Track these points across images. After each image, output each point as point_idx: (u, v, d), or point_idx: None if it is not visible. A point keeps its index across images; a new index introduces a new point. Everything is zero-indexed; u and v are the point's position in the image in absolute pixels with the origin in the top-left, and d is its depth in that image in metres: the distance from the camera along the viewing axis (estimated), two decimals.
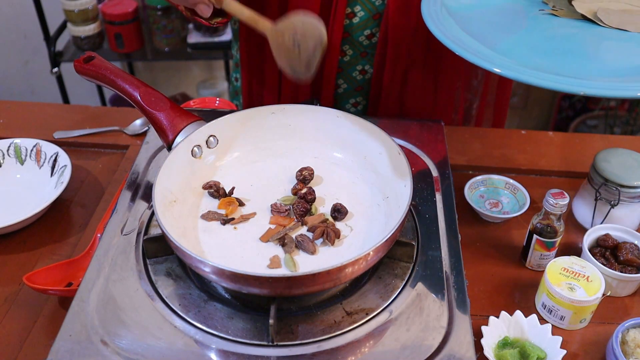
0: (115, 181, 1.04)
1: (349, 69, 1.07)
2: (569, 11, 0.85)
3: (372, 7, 0.99)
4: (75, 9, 1.90)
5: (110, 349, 0.68)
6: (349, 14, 1.00)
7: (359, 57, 1.05)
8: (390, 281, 0.76)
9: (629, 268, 0.86)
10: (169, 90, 2.48)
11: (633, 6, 0.85)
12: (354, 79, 1.08)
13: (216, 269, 0.66)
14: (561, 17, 0.85)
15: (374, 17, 1.00)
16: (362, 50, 1.04)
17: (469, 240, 0.93)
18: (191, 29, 2.01)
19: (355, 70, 1.07)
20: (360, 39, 1.03)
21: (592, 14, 0.81)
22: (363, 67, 1.06)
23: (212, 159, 0.88)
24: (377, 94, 1.08)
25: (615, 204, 0.91)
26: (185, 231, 0.78)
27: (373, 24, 1.01)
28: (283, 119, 0.90)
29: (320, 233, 0.77)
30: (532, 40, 0.79)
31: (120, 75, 0.87)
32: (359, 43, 1.03)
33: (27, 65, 2.48)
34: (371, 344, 0.69)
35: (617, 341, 0.76)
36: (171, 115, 0.85)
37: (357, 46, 1.03)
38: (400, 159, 0.80)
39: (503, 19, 0.84)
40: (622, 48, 0.78)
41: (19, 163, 1.04)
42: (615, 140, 1.18)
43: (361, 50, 1.04)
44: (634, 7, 0.84)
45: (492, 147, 1.12)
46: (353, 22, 1.01)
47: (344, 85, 1.09)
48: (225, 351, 0.68)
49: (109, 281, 0.75)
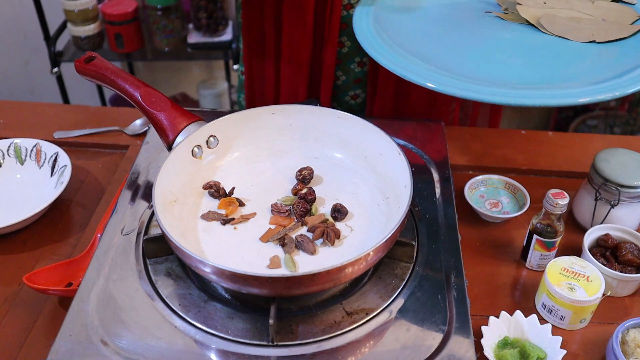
0: (115, 181, 1.04)
1: (348, 61, 1.07)
2: (517, 16, 0.84)
3: None
4: (75, 9, 1.90)
5: (110, 349, 0.68)
6: (345, 5, 1.00)
7: (357, 49, 1.05)
8: (390, 281, 0.76)
9: (629, 268, 0.86)
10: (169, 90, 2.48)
11: (581, 13, 0.84)
12: (352, 71, 1.08)
13: (216, 269, 0.66)
14: (506, 21, 0.83)
15: None
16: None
17: (469, 240, 0.93)
18: (191, 29, 2.01)
19: (353, 62, 1.07)
20: None
21: (536, 20, 0.80)
22: (361, 59, 1.06)
23: (212, 159, 0.88)
24: (373, 89, 1.08)
25: (615, 204, 0.91)
26: (185, 231, 0.78)
27: None
28: (284, 119, 0.90)
29: (320, 233, 0.77)
30: (469, 47, 0.79)
31: (121, 75, 0.87)
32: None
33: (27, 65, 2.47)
34: (371, 344, 0.69)
35: (617, 341, 0.76)
36: (172, 115, 0.85)
37: (355, 38, 1.03)
38: (401, 160, 0.80)
39: (443, 24, 0.83)
40: (556, 57, 0.77)
41: (19, 163, 1.04)
42: (615, 140, 1.18)
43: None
44: (581, 15, 0.83)
45: (492, 147, 1.12)
46: (350, 13, 1.00)
47: (342, 78, 1.09)
48: (225, 351, 0.68)
49: (109, 281, 0.75)
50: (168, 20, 1.93)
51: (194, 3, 1.90)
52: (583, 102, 0.67)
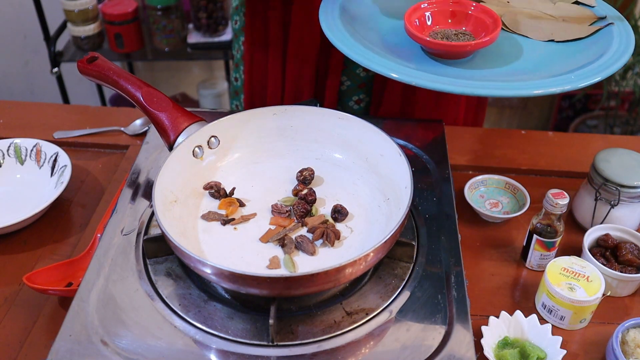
0: (115, 181, 1.04)
1: (353, 66, 1.07)
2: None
3: None
4: (75, 9, 1.90)
5: (110, 349, 0.68)
6: None
7: None
8: (390, 281, 0.76)
9: (629, 268, 0.86)
10: (169, 90, 2.48)
11: (542, 13, 0.85)
12: (357, 76, 1.08)
13: (215, 269, 0.67)
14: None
15: None
16: None
17: (469, 240, 0.94)
18: (191, 29, 2.01)
19: (359, 67, 1.07)
20: None
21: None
22: None
23: (213, 160, 0.88)
24: (380, 92, 1.08)
25: (615, 204, 0.91)
26: (185, 231, 0.78)
27: None
28: (284, 120, 0.90)
29: (320, 234, 0.77)
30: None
31: (123, 75, 0.87)
32: None
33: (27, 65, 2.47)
34: (371, 344, 0.69)
35: (617, 341, 0.76)
36: (173, 115, 0.85)
37: None
38: (402, 161, 0.80)
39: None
40: (515, 52, 0.80)
41: (19, 163, 1.04)
42: (615, 140, 1.18)
43: None
44: (542, 14, 0.85)
45: (492, 147, 1.12)
46: None
47: (347, 83, 1.09)
48: (225, 351, 0.68)
49: (109, 281, 0.75)
50: (168, 20, 1.94)
51: (194, 3, 1.91)
52: (537, 93, 0.71)
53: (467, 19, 0.81)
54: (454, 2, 0.82)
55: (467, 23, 0.81)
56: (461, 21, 0.82)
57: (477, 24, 0.80)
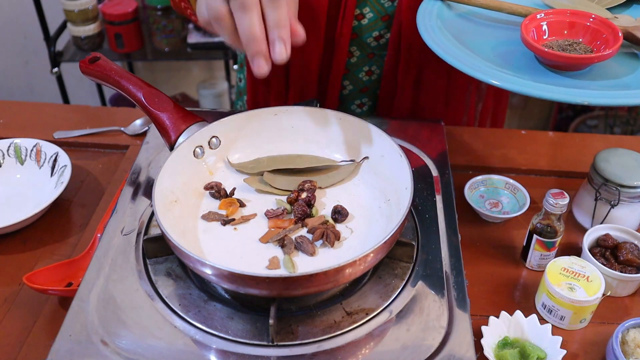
0: (115, 181, 1.04)
1: (355, 70, 1.07)
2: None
3: (381, 9, 0.99)
4: (75, 9, 1.90)
5: (110, 349, 0.68)
6: (357, 16, 1.00)
7: (366, 58, 1.05)
8: (390, 281, 0.76)
9: (629, 268, 0.86)
10: (169, 90, 2.48)
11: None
12: (359, 80, 1.08)
13: (215, 270, 0.67)
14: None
15: (382, 18, 1.00)
16: (370, 51, 1.04)
17: (469, 240, 0.94)
18: (191, 29, 2.01)
19: (361, 72, 1.07)
20: (369, 40, 1.03)
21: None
22: (370, 68, 1.06)
23: (214, 160, 0.88)
24: (390, 95, 1.08)
25: (615, 204, 0.91)
26: (185, 231, 0.78)
27: (382, 25, 1.01)
28: (286, 121, 0.90)
29: (320, 235, 0.77)
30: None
31: (125, 76, 0.87)
32: (367, 44, 1.03)
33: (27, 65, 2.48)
34: (371, 344, 0.69)
35: (617, 341, 0.76)
36: (174, 115, 0.85)
37: (364, 47, 1.03)
38: (402, 162, 0.80)
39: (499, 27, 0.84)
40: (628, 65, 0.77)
41: (19, 163, 1.04)
42: (615, 140, 1.18)
43: (369, 51, 1.04)
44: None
45: (492, 147, 1.12)
46: (362, 24, 1.01)
47: (349, 87, 1.09)
48: (225, 351, 0.68)
49: (109, 281, 0.75)
50: (168, 20, 1.94)
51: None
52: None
53: (584, 31, 0.79)
54: (571, 12, 0.80)
55: (584, 34, 0.79)
56: (578, 32, 0.79)
57: (593, 36, 0.78)
